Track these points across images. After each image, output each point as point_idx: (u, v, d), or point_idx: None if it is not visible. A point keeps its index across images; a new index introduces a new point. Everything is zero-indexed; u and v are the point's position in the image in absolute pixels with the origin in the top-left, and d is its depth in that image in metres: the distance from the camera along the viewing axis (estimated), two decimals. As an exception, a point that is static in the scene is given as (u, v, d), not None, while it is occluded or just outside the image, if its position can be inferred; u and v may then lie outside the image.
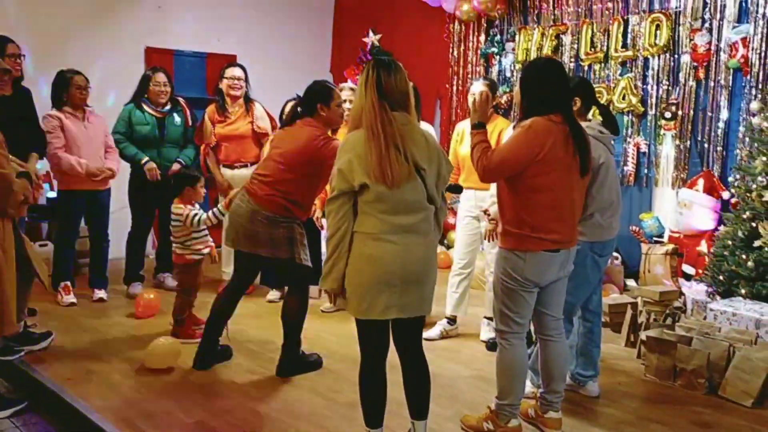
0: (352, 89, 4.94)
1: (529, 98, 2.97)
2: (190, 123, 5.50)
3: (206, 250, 4.44)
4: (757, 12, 5.18)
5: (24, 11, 6.01)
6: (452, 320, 4.63)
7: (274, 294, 5.42)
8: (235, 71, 5.40)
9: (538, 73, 2.99)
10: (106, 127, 5.22)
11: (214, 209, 4.30)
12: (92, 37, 6.43)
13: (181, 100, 5.55)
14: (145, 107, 5.30)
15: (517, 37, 6.71)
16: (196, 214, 4.31)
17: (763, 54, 5.16)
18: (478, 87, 4.44)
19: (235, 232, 3.78)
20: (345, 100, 4.74)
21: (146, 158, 5.22)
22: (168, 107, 5.37)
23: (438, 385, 3.36)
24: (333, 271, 2.71)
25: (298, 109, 3.80)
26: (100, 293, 5.24)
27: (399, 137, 2.64)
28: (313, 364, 3.98)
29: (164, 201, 5.17)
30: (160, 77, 5.30)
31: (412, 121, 2.75)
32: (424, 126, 4.50)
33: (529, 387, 3.53)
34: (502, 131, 4.35)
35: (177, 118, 5.41)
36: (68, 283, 5.15)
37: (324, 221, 5.22)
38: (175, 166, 5.28)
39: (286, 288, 4.18)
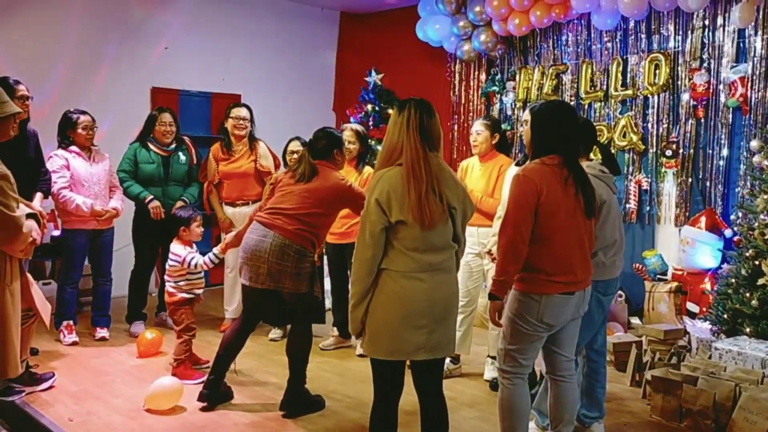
0: (353, 130, 5.00)
1: (538, 139, 3.03)
2: (195, 161, 5.55)
3: (199, 291, 4.44)
4: (754, 52, 5.26)
5: (31, 52, 6.10)
6: (455, 359, 4.60)
7: (276, 332, 5.40)
8: (240, 111, 5.46)
9: (548, 115, 3.04)
10: (111, 166, 5.26)
11: (210, 254, 4.27)
12: (99, 77, 6.52)
13: (186, 138, 5.61)
14: (151, 146, 5.35)
15: (517, 76, 6.79)
16: (193, 257, 4.30)
17: (761, 93, 5.22)
18: (477, 126, 4.51)
19: (257, 269, 3.71)
20: (345, 141, 4.84)
21: (151, 196, 5.25)
22: (173, 146, 5.43)
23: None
24: (360, 312, 2.74)
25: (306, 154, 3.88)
26: (102, 332, 5.22)
27: (435, 179, 2.69)
28: (316, 404, 3.95)
29: (168, 239, 5.18)
30: (166, 117, 5.36)
31: (444, 163, 2.82)
32: None
33: (533, 429, 3.50)
34: (503, 166, 4.39)
35: (182, 157, 5.46)
36: (71, 322, 5.14)
37: (324, 257, 5.23)
38: (179, 205, 5.31)
39: (289, 326, 4.16)
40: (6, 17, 6.00)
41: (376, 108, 7.00)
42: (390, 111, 6.98)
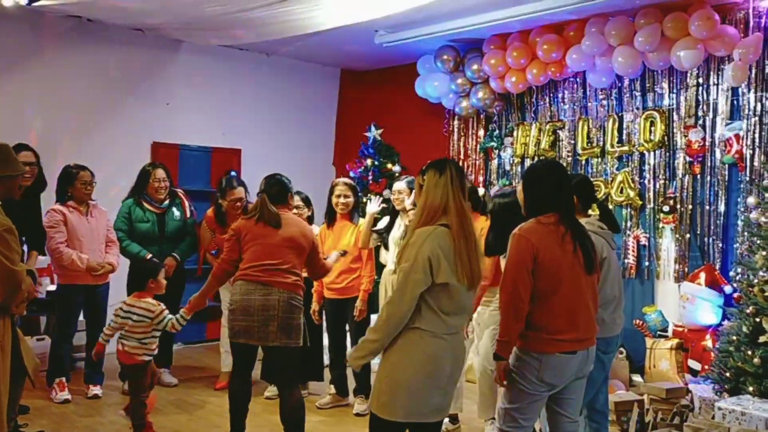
0: (346, 184, 5.01)
1: (529, 199, 3.06)
2: (188, 215, 5.51)
3: (156, 350, 4.20)
4: (748, 109, 5.33)
5: (32, 108, 6.19)
6: (454, 419, 4.50)
7: (272, 390, 5.29)
8: (235, 193, 5.24)
9: (536, 175, 3.08)
10: (108, 221, 5.25)
11: (177, 316, 4.06)
12: (101, 132, 6.58)
13: (179, 192, 5.57)
14: (145, 204, 5.30)
15: (515, 132, 6.86)
16: (167, 315, 4.08)
17: (756, 150, 5.27)
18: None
19: (266, 327, 3.67)
20: (340, 195, 4.93)
21: (150, 255, 5.20)
22: (167, 202, 5.40)
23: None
24: (372, 354, 2.74)
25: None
26: (95, 390, 5.12)
27: (476, 239, 2.77)
28: None
29: (164, 297, 5.13)
30: (160, 173, 5.32)
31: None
32: None
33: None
34: (483, 229, 4.19)
35: (176, 213, 5.41)
36: (63, 379, 5.04)
37: (318, 314, 5.16)
38: (169, 261, 5.25)
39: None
40: (8, 74, 6.10)
41: (376, 162, 7.05)
42: (389, 165, 7.07)
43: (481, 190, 4.58)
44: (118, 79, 6.67)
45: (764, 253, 4.50)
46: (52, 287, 5.52)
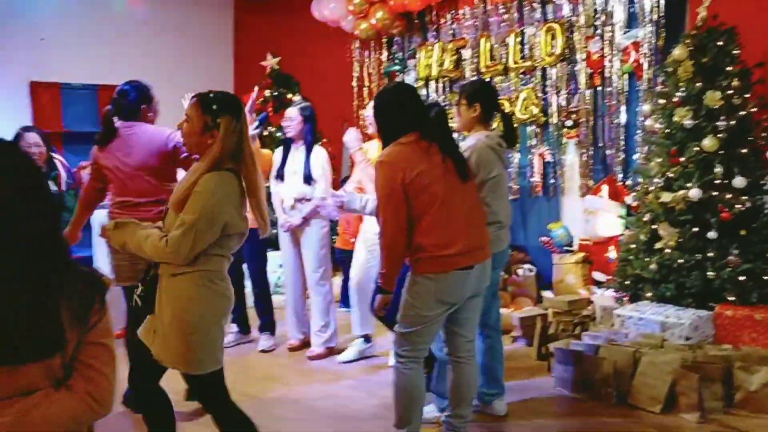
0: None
1: (385, 125, 2.92)
2: (64, 188, 4.68)
3: None
4: (644, 17, 5.23)
5: None
6: (368, 338, 4.45)
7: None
8: None
9: (387, 99, 2.95)
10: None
11: None
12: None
13: (57, 159, 4.76)
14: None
15: (417, 53, 6.63)
16: None
17: (653, 57, 5.20)
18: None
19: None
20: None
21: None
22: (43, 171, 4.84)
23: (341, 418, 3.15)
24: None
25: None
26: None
27: None
28: None
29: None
30: (31, 138, 4.51)
31: None
32: (318, 150, 4.53)
33: (432, 411, 3.35)
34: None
35: (53, 187, 4.82)
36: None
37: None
38: None
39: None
40: None
41: (275, 93, 6.72)
42: (290, 96, 6.75)
43: None
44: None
45: (659, 159, 4.49)
46: None
